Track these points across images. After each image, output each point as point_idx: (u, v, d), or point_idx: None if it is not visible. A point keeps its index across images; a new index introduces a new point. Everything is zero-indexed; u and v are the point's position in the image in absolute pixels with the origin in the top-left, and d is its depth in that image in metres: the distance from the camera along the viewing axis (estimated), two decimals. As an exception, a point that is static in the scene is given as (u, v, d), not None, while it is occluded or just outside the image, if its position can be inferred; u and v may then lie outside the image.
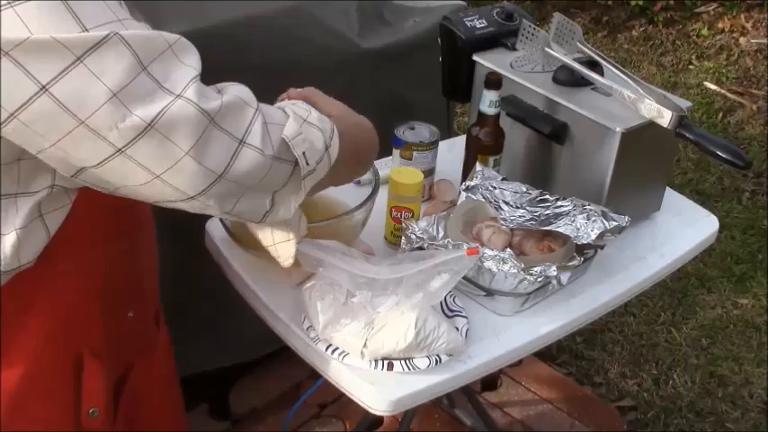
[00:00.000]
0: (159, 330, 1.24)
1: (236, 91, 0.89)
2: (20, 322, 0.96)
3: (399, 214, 1.37)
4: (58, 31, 0.76)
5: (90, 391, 1.03)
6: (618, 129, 1.36)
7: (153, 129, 0.80)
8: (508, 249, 1.26)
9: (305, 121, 0.96)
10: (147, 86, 0.81)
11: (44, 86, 0.77)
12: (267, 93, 1.86)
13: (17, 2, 0.75)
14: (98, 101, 0.78)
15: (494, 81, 1.41)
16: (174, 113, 0.81)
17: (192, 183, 0.86)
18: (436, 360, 1.16)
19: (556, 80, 1.47)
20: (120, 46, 0.79)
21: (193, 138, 0.83)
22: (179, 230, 1.55)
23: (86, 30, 0.77)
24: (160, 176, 0.84)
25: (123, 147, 0.81)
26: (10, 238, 0.89)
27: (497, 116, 1.44)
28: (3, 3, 0.75)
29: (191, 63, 0.86)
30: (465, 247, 1.19)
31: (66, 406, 1.03)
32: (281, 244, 1.10)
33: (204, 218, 1.42)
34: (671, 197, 1.60)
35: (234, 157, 0.86)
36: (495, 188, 1.40)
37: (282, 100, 1.13)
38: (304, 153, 0.94)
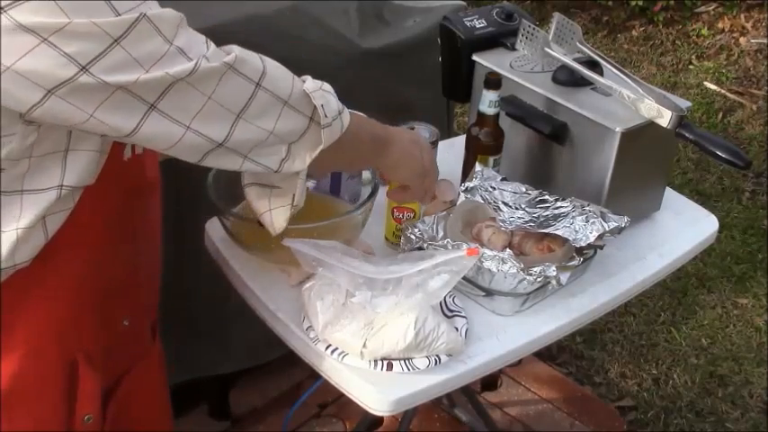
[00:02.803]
0: (154, 341, 1.24)
1: (239, 48, 0.96)
2: (14, 321, 0.96)
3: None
4: (94, 17, 0.80)
5: (85, 396, 1.03)
6: (618, 129, 1.36)
7: (181, 81, 0.87)
8: (508, 249, 1.26)
9: (320, 88, 1.04)
10: (176, 57, 0.87)
11: (84, 67, 0.81)
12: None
13: None
14: (136, 74, 0.84)
15: (493, 81, 1.41)
16: (201, 67, 0.89)
17: (217, 128, 0.93)
18: (436, 360, 1.16)
19: (556, 80, 1.47)
20: (148, 26, 0.84)
21: (214, 83, 0.91)
22: (180, 233, 1.55)
23: (119, 14, 0.82)
24: (190, 127, 0.90)
25: (154, 101, 0.87)
26: (9, 237, 0.90)
27: (497, 116, 1.44)
28: None
29: (198, 35, 0.93)
30: (465, 248, 1.19)
31: (57, 410, 1.03)
32: (276, 209, 1.12)
33: (204, 219, 1.42)
34: (671, 197, 1.60)
35: (252, 99, 0.95)
36: (494, 189, 1.40)
37: None
38: (323, 106, 1.02)
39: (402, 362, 1.15)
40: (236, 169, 1.01)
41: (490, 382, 2.31)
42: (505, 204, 1.39)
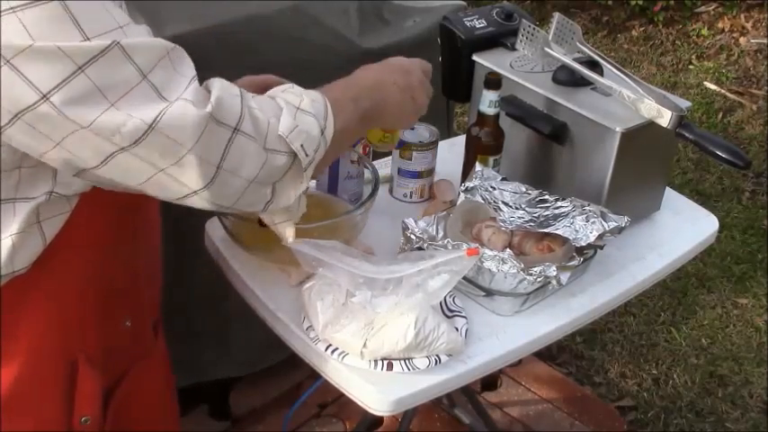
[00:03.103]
0: (157, 339, 1.23)
1: (219, 84, 0.91)
2: (16, 324, 0.95)
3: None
4: (59, 39, 0.76)
5: (83, 397, 1.03)
6: (618, 129, 1.36)
7: (155, 130, 0.82)
8: (508, 249, 1.25)
9: (298, 109, 0.96)
10: (146, 93, 0.82)
11: (45, 95, 0.77)
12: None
13: (19, 8, 0.75)
14: (99, 108, 0.79)
15: (493, 81, 1.41)
16: (174, 114, 0.83)
17: (195, 178, 0.87)
18: (436, 360, 1.16)
19: (556, 80, 1.47)
20: (121, 55, 0.79)
21: (195, 135, 0.84)
22: (180, 233, 1.55)
23: (88, 38, 0.78)
24: (165, 170, 0.86)
25: (127, 146, 0.82)
26: (6, 243, 0.89)
27: (497, 116, 1.44)
28: (4, 8, 0.75)
29: (186, 71, 0.87)
30: (465, 248, 1.19)
31: (57, 411, 1.02)
32: (280, 224, 1.10)
33: (204, 219, 1.42)
34: (671, 197, 1.60)
35: (229, 146, 0.88)
36: (494, 189, 1.40)
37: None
38: (302, 145, 0.95)
39: (402, 362, 1.15)
40: (222, 211, 0.98)
41: (490, 382, 2.31)
42: (505, 204, 1.39)
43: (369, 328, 1.14)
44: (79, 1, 0.78)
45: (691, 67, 4.23)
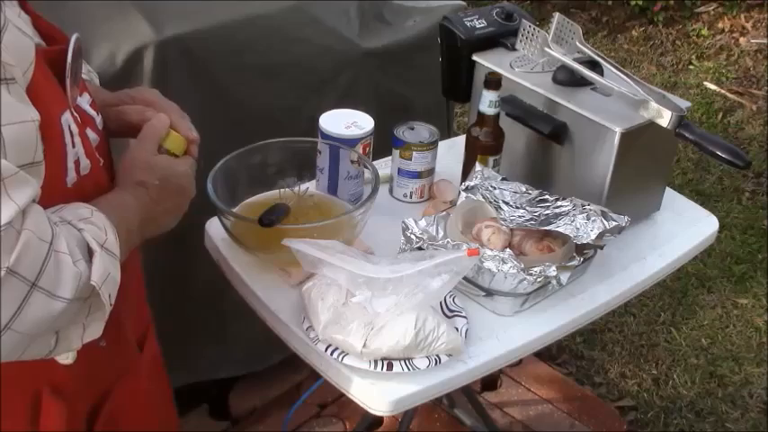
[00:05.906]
0: (144, 351, 1.18)
1: (33, 223, 0.78)
2: None
3: None
4: None
5: (48, 428, 0.98)
6: (618, 129, 1.36)
7: None
8: (508, 249, 1.25)
9: (103, 247, 0.85)
10: None
11: None
12: (267, 93, 1.87)
13: None
14: None
15: (493, 81, 1.41)
16: None
17: None
18: (436, 360, 1.16)
19: (555, 80, 1.47)
20: None
21: None
22: (180, 233, 1.55)
23: None
24: None
25: None
26: None
27: (497, 116, 1.44)
28: None
29: (17, 200, 0.77)
30: (465, 248, 1.19)
31: None
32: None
33: (204, 219, 1.42)
34: (671, 197, 1.60)
35: (24, 303, 0.77)
36: (494, 188, 1.40)
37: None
38: (110, 295, 0.85)
39: (402, 362, 1.15)
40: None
41: (490, 382, 2.31)
42: (506, 203, 1.39)
43: (369, 328, 1.14)
44: None
45: (691, 67, 4.23)
